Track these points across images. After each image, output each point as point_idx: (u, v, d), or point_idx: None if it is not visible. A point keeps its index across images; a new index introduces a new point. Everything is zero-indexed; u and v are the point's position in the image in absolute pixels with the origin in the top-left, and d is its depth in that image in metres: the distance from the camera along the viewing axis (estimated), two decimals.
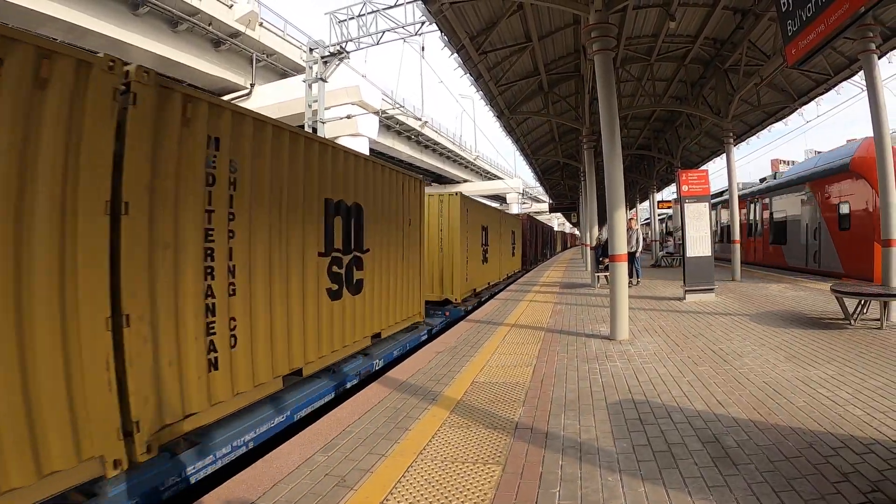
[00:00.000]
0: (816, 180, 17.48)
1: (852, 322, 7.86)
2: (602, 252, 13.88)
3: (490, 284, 17.06)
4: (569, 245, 76.02)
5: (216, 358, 4.40)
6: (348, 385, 6.65)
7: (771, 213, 21.68)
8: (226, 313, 4.53)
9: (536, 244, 35.04)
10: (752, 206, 23.93)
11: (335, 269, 6.54)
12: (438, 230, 12.57)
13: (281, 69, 27.36)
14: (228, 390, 4.57)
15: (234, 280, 4.63)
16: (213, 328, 4.37)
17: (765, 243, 22.43)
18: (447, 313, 11.79)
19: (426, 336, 9.79)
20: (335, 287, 6.52)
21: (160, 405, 3.82)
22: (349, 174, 6.98)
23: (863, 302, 8.00)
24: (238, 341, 4.69)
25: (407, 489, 3.21)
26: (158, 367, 3.80)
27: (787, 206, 20.00)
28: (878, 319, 7.76)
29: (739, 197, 19.31)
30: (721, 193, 26.44)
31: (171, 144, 3.99)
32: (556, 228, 71.20)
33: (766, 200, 22.15)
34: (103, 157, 3.41)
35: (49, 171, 3.07)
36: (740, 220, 19.91)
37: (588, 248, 18.06)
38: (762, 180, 25.75)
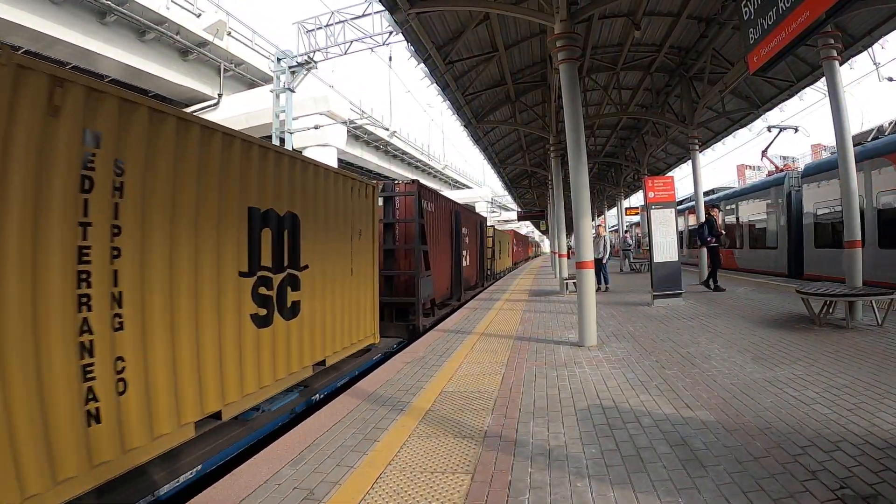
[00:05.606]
0: None
1: (818, 323, 7.99)
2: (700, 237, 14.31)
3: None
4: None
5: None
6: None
7: None
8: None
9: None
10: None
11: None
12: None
13: (249, 79, 27.05)
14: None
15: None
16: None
17: None
18: None
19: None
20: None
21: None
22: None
23: (828, 303, 8.14)
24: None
25: (376, 500, 3.13)
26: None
27: None
28: (843, 319, 7.92)
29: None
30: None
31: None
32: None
33: None
34: None
35: None
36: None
37: (557, 256, 18.14)
38: None
